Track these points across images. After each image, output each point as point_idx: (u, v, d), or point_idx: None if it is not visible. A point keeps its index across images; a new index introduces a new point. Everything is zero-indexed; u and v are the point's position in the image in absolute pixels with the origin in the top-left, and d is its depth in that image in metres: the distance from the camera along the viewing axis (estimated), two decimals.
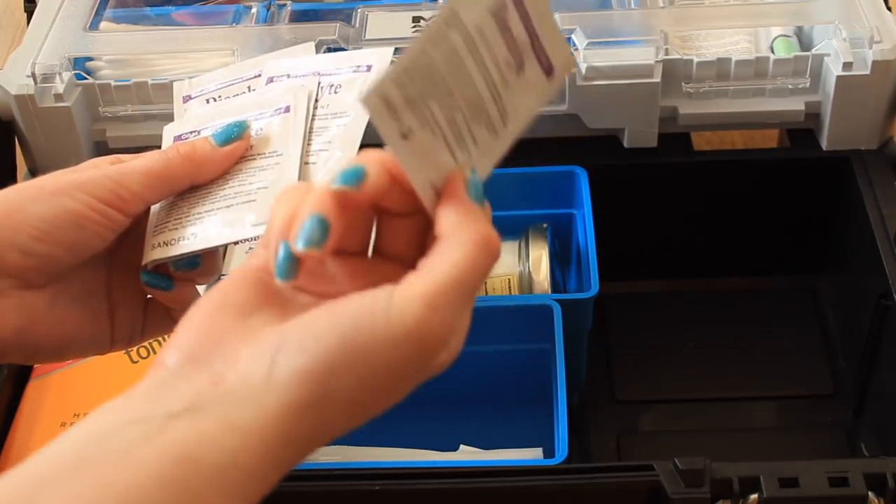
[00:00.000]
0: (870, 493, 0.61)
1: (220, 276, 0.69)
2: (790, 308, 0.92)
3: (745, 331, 0.90)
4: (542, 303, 0.75)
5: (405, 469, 0.67)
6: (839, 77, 0.81)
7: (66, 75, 0.83)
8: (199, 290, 0.58)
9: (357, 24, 0.87)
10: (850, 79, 0.82)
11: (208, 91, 0.60)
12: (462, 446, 0.78)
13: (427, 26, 0.41)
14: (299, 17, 0.89)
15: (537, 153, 0.82)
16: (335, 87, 0.56)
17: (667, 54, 0.83)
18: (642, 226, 0.91)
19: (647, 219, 0.91)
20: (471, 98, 0.43)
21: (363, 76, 0.56)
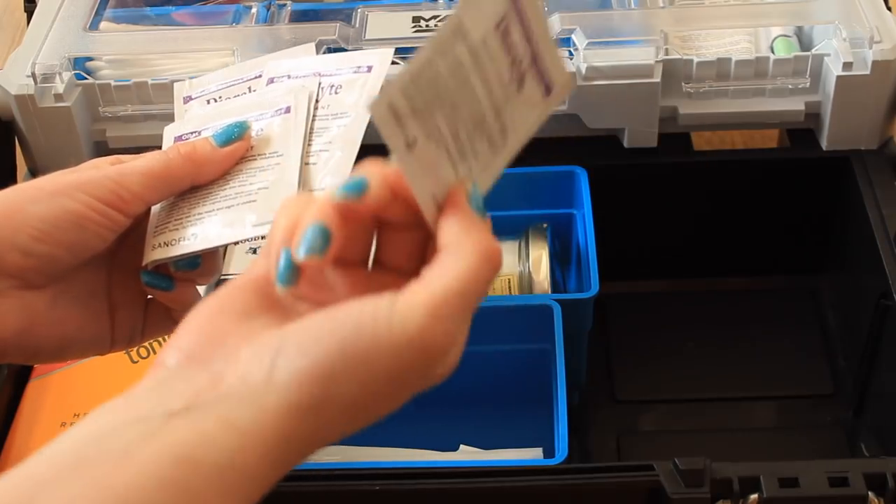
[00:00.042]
0: (870, 493, 0.61)
1: (221, 277, 0.69)
2: (790, 308, 0.92)
3: (745, 331, 0.90)
4: (542, 303, 0.75)
5: (405, 469, 0.67)
6: (839, 77, 0.81)
7: (66, 75, 0.83)
8: (200, 290, 0.58)
9: (357, 24, 0.87)
10: (850, 79, 0.82)
11: (209, 92, 0.60)
12: (462, 446, 0.78)
13: (434, 36, 0.41)
14: (299, 17, 0.89)
15: (537, 153, 0.81)
16: (336, 88, 0.56)
17: (667, 54, 0.83)
18: (642, 226, 0.91)
19: (647, 219, 0.91)
20: (474, 112, 0.43)
21: (364, 77, 0.56)
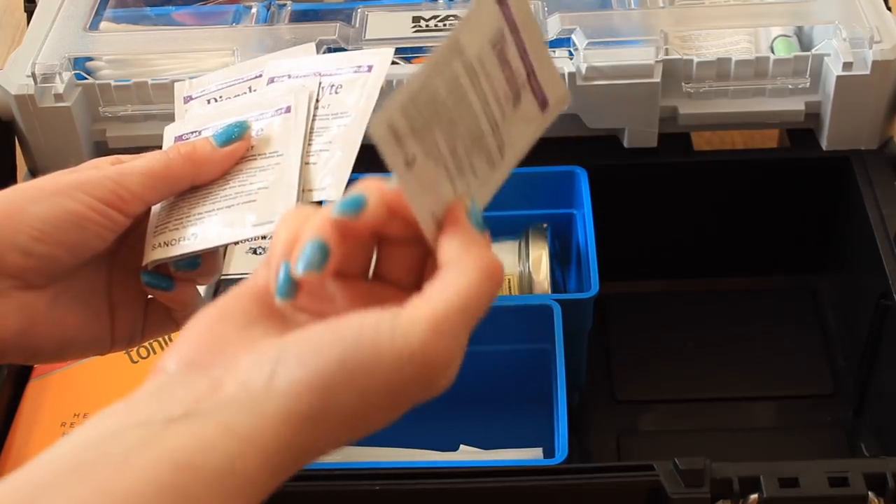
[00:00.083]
0: (870, 493, 0.61)
1: (221, 277, 0.69)
2: (790, 308, 0.92)
3: (745, 331, 0.90)
4: (542, 303, 0.75)
5: (405, 469, 0.67)
6: (839, 77, 0.81)
7: (66, 75, 0.83)
8: (200, 290, 0.58)
9: (357, 24, 0.87)
10: (850, 79, 0.82)
11: (209, 91, 0.60)
12: (462, 446, 0.78)
13: (431, 55, 0.41)
14: (299, 17, 0.89)
15: (537, 153, 0.81)
16: (336, 88, 0.56)
17: (667, 54, 0.83)
18: (642, 226, 0.91)
19: (647, 219, 0.91)
20: (472, 129, 0.43)
21: (364, 76, 0.56)
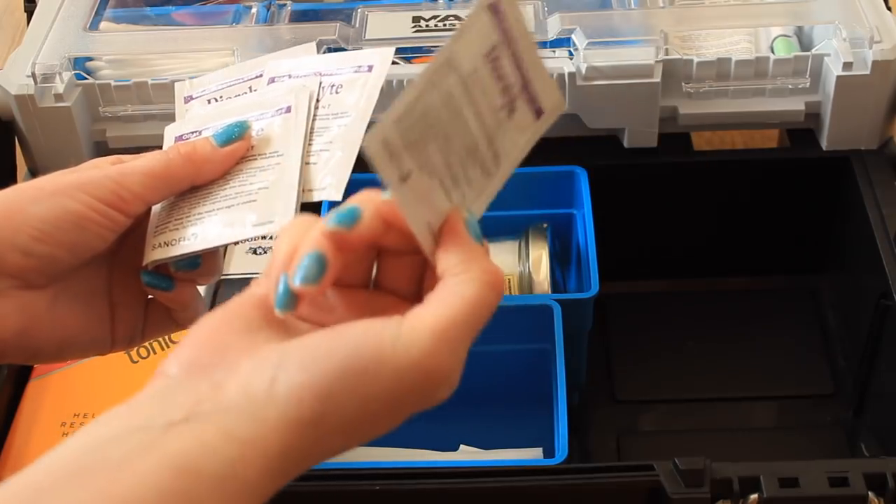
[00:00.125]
0: (870, 493, 0.61)
1: (221, 277, 0.69)
2: (790, 308, 0.92)
3: (745, 331, 0.90)
4: (542, 303, 0.75)
5: (405, 469, 0.67)
6: (839, 77, 0.81)
7: (66, 75, 0.83)
8: (200, 290, 0.58)
9: (357, 24, 0.87)
10: (850, 79, 0.82)
11: (210, 91, 0.60)
12: (462, 446, 0.78)
13: (425, 69, 0.41)
14: (299, 17, 0.89)
15: (537, 153, 0.81)
16: (336, 88, 0.56)
17: (667, 54, 0.83)
18: (642, 226, 0.91)
19: (647, 219, 0.91)
20: (466, 141, 0.43)
21: (364, 76, 0.56)
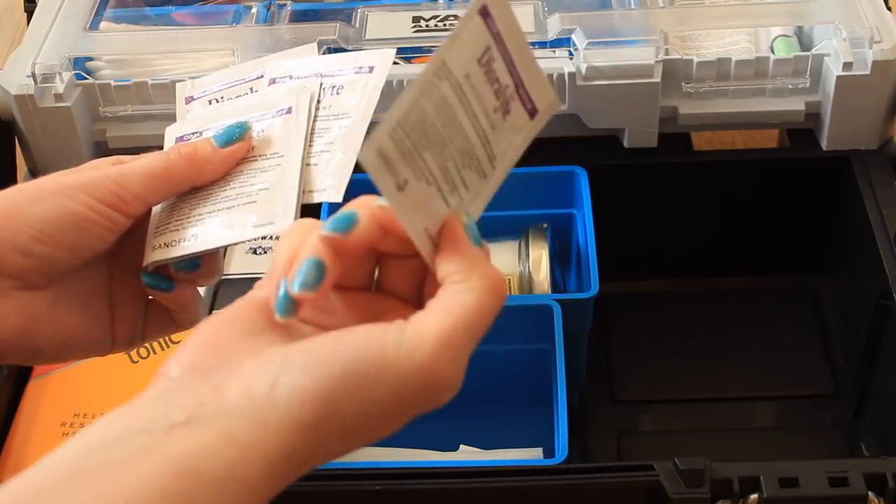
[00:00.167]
0: (870, 493, 0.61)
1: (222, 277, 0.69)
2: (790, 308, 0.92)
3: (744, 330, 0.90)
4: (542, 303, 0.75)
5: (405, 469, 0.67)
6: (839, 77, 0.81)
7: (66, 75, 0.83)
8: (200, 290, 0.58)
9: (357, 24, 0.87)
10: (850, 79, 0.82)
11: (211, 92, 0.60)
12: (462, 446, 0.78)
13: (417, 77, 0.41)
14: (299, 17, 0.89)
15: (537, 153, 0.81)
16: (337, 89, 0.56)
17: (667, 54, 0.83)
18: (642, 226, 0.91)
19: (647, 219, 0.91)
20: (461, 145, 0.44)
21: (365, 77, 0.56)
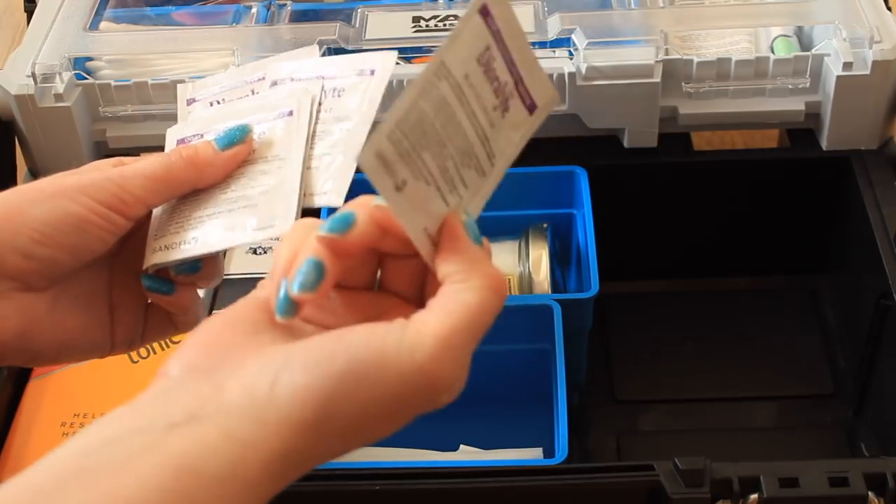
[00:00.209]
0: (870, 493, 0.61)
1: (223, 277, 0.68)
2: (790, 308, 0.92)
3: (744, 330, 0.90)
4: (542, 303, 0.75)
5: (405, 469, 0.67)
6: (839, 77, 0.81)
7: (67, 75, 0.83)
8: (200, 292, 0.58)
9: (357, 24, 0.87)
10: (850, 79, 0.82)
11: (212, 94, 0.60)
12: (462, 446, 0.78)
13: (416, 78, 0.41)
14: (299, 17, 0.89)
15: (537, 153, 0.81)
16: (339, 91, 0.56)
17: (667, 54, 0.83)
18: (642, 226, 0.91)
19: (647, 219, 0.91)
20: (460, 145, 0.44)
21: (367, 80, 0.56)
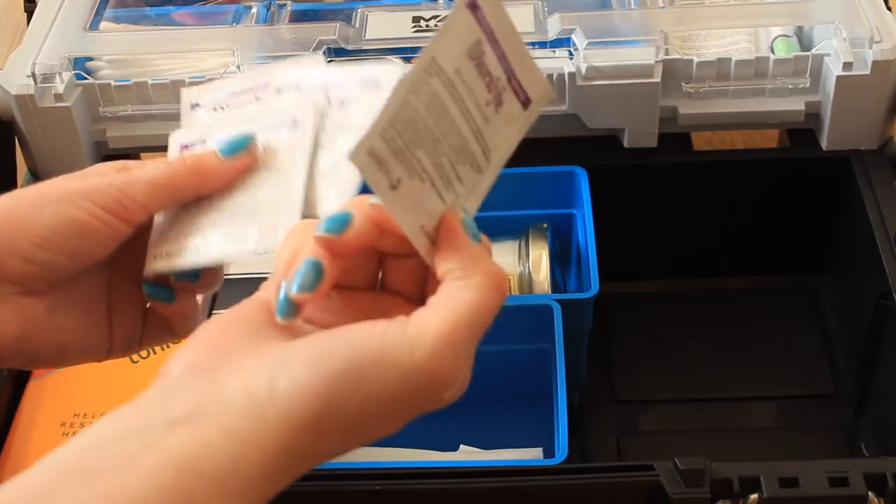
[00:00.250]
0: (870, 493, 0.61)
1: (224, 277, 0.68)
2: (790, 308, 0.92)
3: (745, 330, 0.90)
4: (542, 303, 0.75)
5: (405, 469, 0.67)
6: (839, 77, 0.81)
7: (67, 75, 0.83)
8: (198, 299, 0.58)
9: (357, 24, 0.87)
10: (850, 79, 0.82)
11: (216, 100, 0.60)
12: (462, 446, 0.78)
13: (406, 75, 0.41)
14: (299, 17, 0.89)
15: (537, 153, 0.82)
16: (343, 101, 0.56)
17: (667, 54, 0.83)
18: (642, 226, 0.91)
19: (646, 219, 0.91)
20: (455, 141, 0.43)
21: (372, 90, 0.55)
